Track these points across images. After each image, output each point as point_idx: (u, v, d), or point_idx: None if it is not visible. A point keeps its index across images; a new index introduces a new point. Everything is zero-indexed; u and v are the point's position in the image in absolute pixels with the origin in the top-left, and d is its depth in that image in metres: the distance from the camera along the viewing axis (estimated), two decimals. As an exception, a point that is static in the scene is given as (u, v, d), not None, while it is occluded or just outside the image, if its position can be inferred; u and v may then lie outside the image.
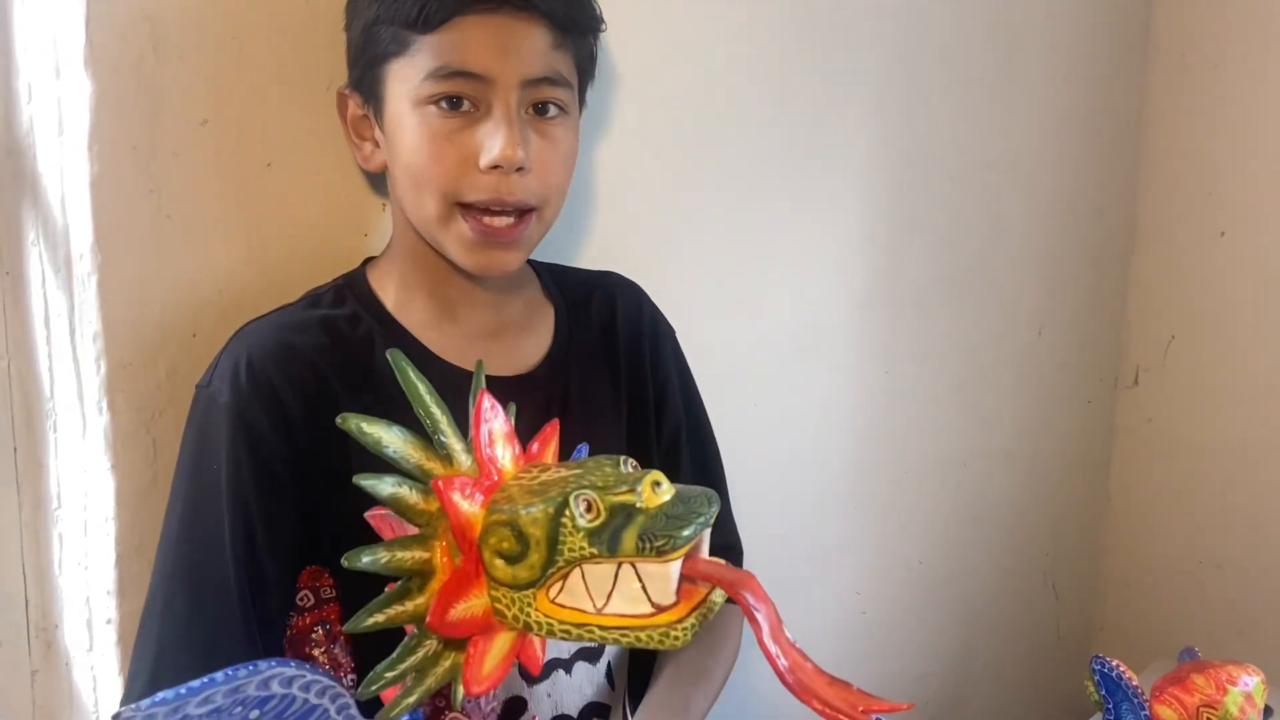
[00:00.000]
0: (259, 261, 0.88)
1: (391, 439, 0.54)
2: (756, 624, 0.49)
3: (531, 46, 0.76)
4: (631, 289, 0.98)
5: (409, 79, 0.76)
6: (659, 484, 0.50)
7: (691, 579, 0.51)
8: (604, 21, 0.84)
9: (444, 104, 0.76)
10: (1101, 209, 1.68)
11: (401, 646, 0.55)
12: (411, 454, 0.54)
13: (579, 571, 0.51)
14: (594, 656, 0.88)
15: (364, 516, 0.59)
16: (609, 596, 0.50)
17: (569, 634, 0.51)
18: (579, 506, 0.50)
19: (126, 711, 0.48)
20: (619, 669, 0.92)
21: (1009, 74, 1.47)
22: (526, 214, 0.79)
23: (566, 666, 0.86)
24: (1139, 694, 0.77)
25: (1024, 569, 1.70)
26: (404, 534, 0.55)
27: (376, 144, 0.82)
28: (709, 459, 1.00)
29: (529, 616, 0.52)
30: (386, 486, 0.53)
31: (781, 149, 1.22)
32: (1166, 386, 1.72)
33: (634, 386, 0.94)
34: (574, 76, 0.81)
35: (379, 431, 0.53)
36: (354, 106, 0.83)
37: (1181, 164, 1.67)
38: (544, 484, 0.53)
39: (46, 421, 0.84)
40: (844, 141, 1.29)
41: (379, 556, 0.52)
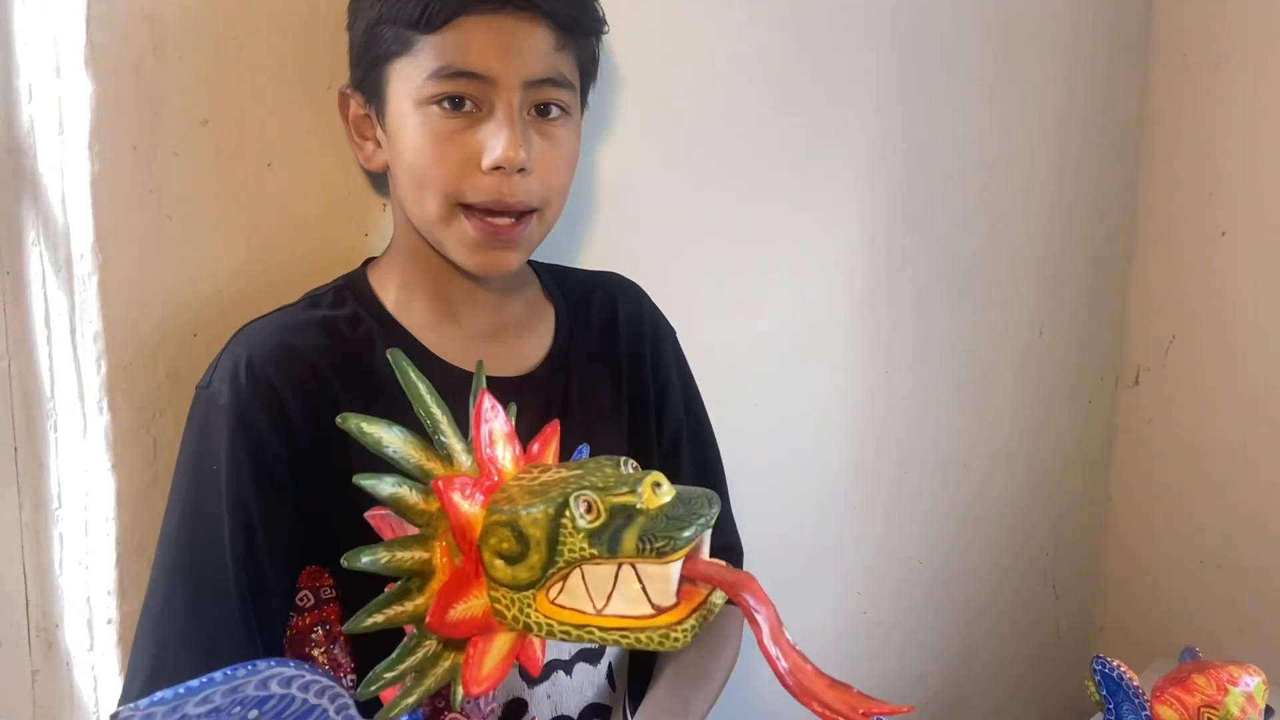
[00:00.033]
0: (260, 261, 0.88)
1: (392, 439, 0.54)
2: (757, 626, 0.49)
3: (534, 47, 0.76)
4: (632, 289, 0.98)
5: (411, 79, 0.76)
6: (659, 485, 0.50)
7: (692, 580, 0.51)
8: (606, 23, 0.84)
9: (446, 104, 0.76)
10: (1102, 209, 1.68)
11: (401, 647, 0.55)
12: (412, 454, 0.54)
13: (579, 572, 0.51)
14: (595, 658, 0.88)
15: (364, 516, 0.59)
16: (609, 597, 0.50)
17: (569, 635, 0.51)
18: (579, 507, 0.50)
19: (125, 710, 0.48)
20: (620, 670, 0.92)
21: (1009, 74, 1.47)
22: (528, 214, 0.79)
23: (567, 668, 0.86)
24: (1140, 694, 0.77)
25: (1024, 569, 1.70)
26: (404, 534, 0.55)
27: (378, 144, 0.82)
28: (709, 460, 1.00)
29: (529, 617, 0.52)
30: (386, 486, 0.53)
31: (782, 149, 1.22)
32: (1167, 386, 1.72)
33: (635, 387, 0.93)
34: (576, 78, 0.81)
35: (379, 431, 0.53)
36: (356, 106, 0.83)
37: (1182, 164, 1.67)
38: (544, 485, 0.53)
39: (47, 421, 0.84)
40: (844, 141, 1.29)
41: (379, 556, 0.52)
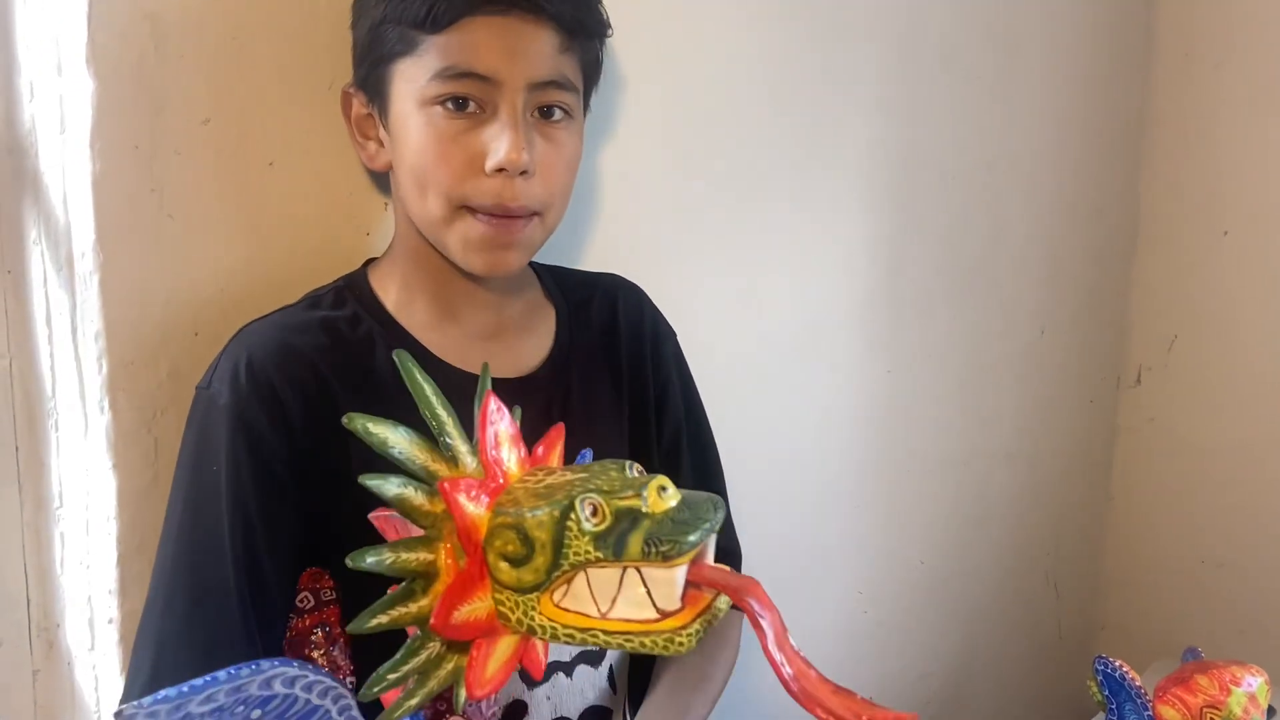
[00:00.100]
0: (261, 260, 0.88)
1: (397, 440, 0.53)
2: (761, 631, 0.49)
3: (539, 49, 0.76)
4: (632, 290, 0.98)
5: (415, 79, 0.76)
6: (665, 489, 0.50)
7: (696, 585, 0.51)
8: (611, 26, 0.84)
9: (450, 105, 0.75)
10: (1103, 208, 1.67)
11: (404, 648, 0.54)
12: (417, 455, 0.54)
13: (584, 575, 0.51)
14: (595, 659, 0.88)
15: (368, 517, 0.59)
16: (614, 601, 0.50)
17: (573, 638, 0.51)
18: (584, 510, 0.50)
19: (129, 709, 0.48)
20: (621, 672, 0.92)
21: (1010, 73, 1.47)
22: (530, 214, 0.79)
23: (567, 669, 0.86)
24: (1142, 694, 0.77)
25: (1026, 569, 1.70)
26: (408, 535, 0.55)
27: (381, 143, 0.82)
28: (709, 462, 1.00)
29: (533, 620, 0.52)
30: (392, 487, 0.53)
31: (782, 149, 1.22)
32: (1169, 386, 1.72)
33: (635, 388, 0.93)
34: (580, 80, 0.81)
35: (385, 432, 0.53)
36: (358, 105, 0.82)
37: (1183, 163, 1.67)
38: (549, 487, 0.53)
39: (48, 420, 0.84)
40: (844, 141, 1.29)
41: (384, 557, 0.52)
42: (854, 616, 1.44)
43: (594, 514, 0.50)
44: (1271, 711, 0.79)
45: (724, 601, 0.52)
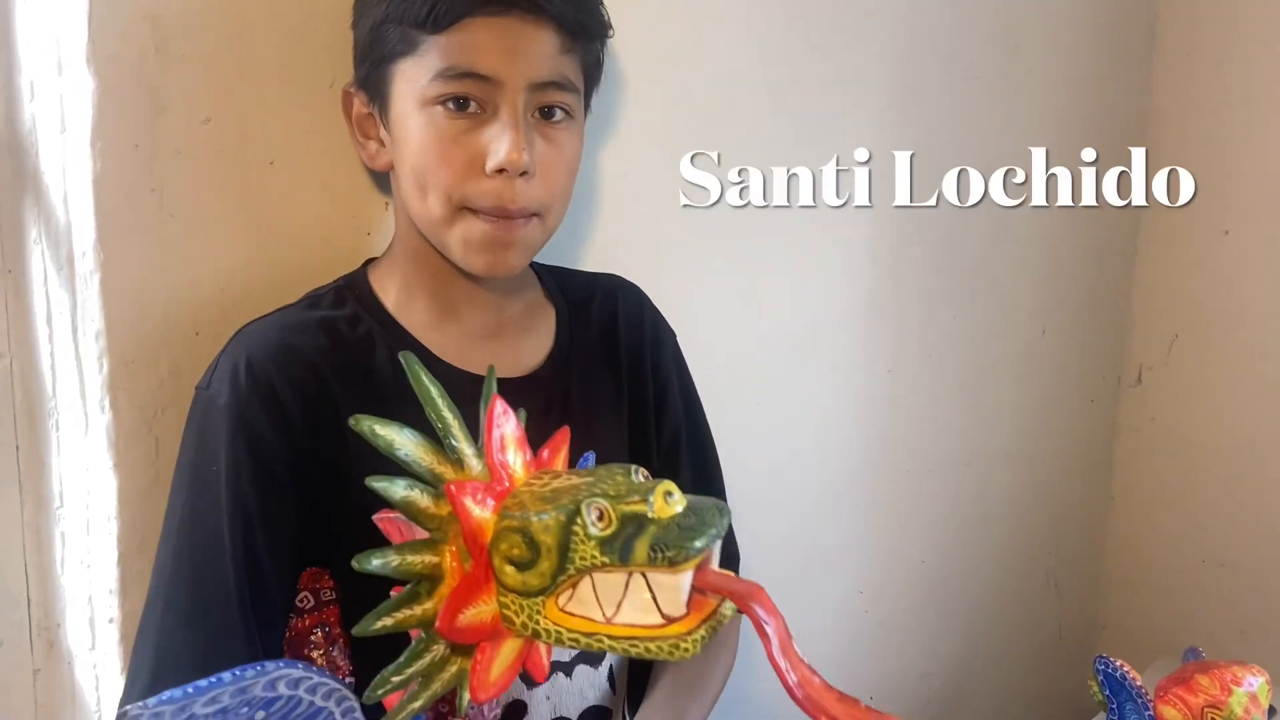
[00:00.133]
0: (261, 260, 0.88)
1: (404, 442, 0.53)
2: (766, 638, 0.49)
3: (540, 50, 0.76)
4: (632, 291, 0.98)
5: (416, 79, 0.76)
6: (671, 494, 0.50)
7: (701, 590, 0.51)
8: (612, 27, 0.84)
9: (451, 105, 0.75)
10: (1103, 208, 1.67)
11: (408, 651, 0.54)
12: (423, 458, 0.54)
13: (589, 580, 0.51)
14: (595, 660, 0.88)
15: (373, 519, 0.58)
16: (619, 606, 0.50)
17: (577, 642, 0.51)
18: (591, 515, 0.50)
19: (134, 709, 0.48)
20: (620, 672, 0.92)
21: (1010, 73, 1.47)
22: (529, 215, 0.79)
23: (567, 669, 0.86)
24: (1143, 694, 0.77)
25: (1026, 568, 1.70)
26: (412, 537, 0.55)
27: (381, 143, 0.82)
28: (708, 462, 1.00)
29: (538, 624, 0.52)
30: (399, 490, 0.53)
31: (782, 149, 1.22)
32: (1170, 385, 1.72)
33: (635, 388, 0.93)
34: (580, 81, 0.81)
35: (391, 434, 0.53)
36: (359, 105, 0.82)
37: (1185, 163, 1.67)
38: (555, 491, 0.52)
39: (49, 420, 0.84)
40: (845, 141, 1.28)
41: (390, 560, 0.52)
42: (854, 616, 1.44)
43: (600, 519, 0.50)
44: (1273, 711, 0.79)
45: (729, 607, 0.52)
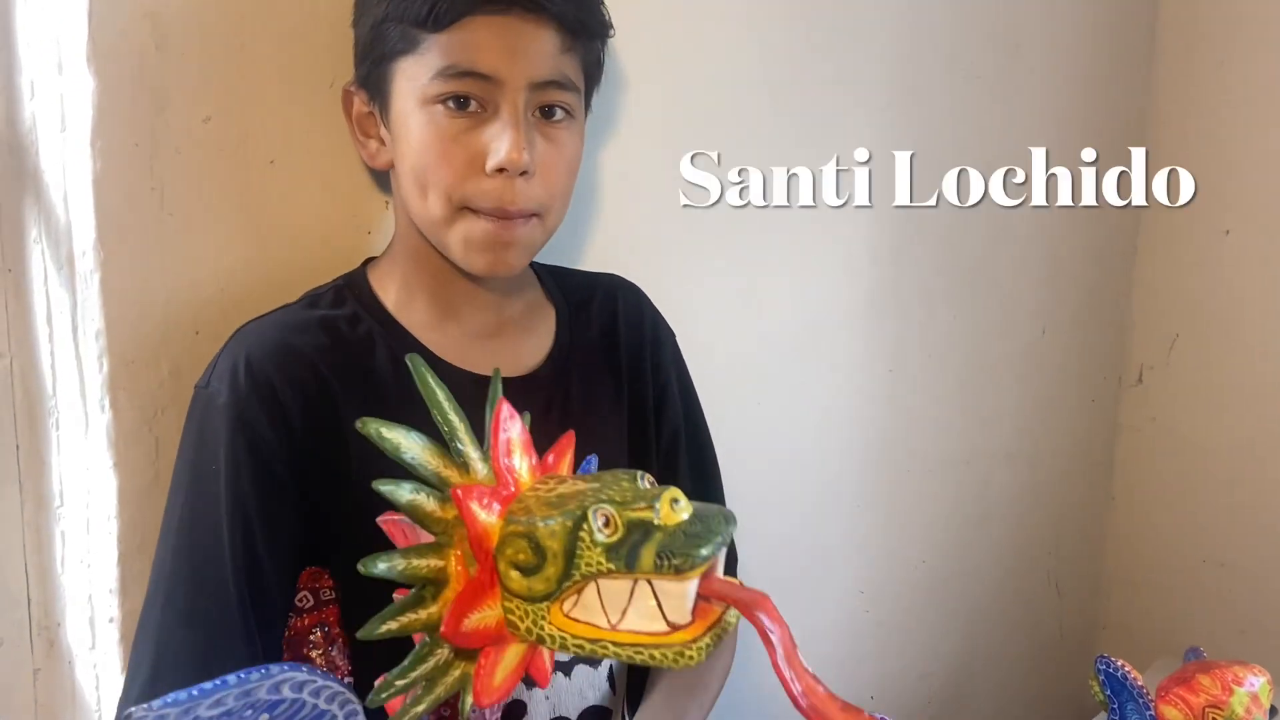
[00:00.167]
0: (261, 259, 0.88)
1: (410, 445, 0.53)
2: (771, 646, 0.49)
3: (540, 49, 0.76)
4: (632, 291, 0.97)
5: (417, 78, 0.76)
6: (677, 501, 0.50)
7: (706, 598, 0.51)
8: (613, 27, 0.84)
9: (451, 104, 0.75)
10: (1103, 207, 1.67)
11: (412, 655, 0.54)
12: (429, 461, 0.54)
13: (594, 586, 0.50)
14: (595, 660, 0.88)
15: (377, 521, 0.58)
16: (624, 613, 0.50)
17: (582, 649, 0.51)
18: (597, 521, 0.50)
19: (138, 711, 0.48)
20: (620, 672, 0.92)
21: (1011, 73, 1.47)
22: (529, 215, 0.79)
23: (566, 669, 0.86)
24: (1144, 694, 0.77)
25: (1027, 568, 1.70)
26: (416, 540, 0.55)
27: (382, 142, 0.82)
28: (707, 463, 1.00)
29: (542, 629, 0.52)
30: (405, 493, 0.53)
31: (783, 149, 1.21)
32: (1170, 385, 1.72)
33: (635, 388, 0.93)
34: (581, 81, 0.81)
35: (398, 438, 0.53)
36: (360, 104, 0.82)
37: (1185, 162, 1.66)
38: (561, 496, 0.52)
39: (49, 419, 0.84)
40: (845, 141, 1.28)
41: (395, 563, 0.52)
42: (854, 616, 1.44)
43: (606, 525, 0.50)
44: (1273, 711, 0.79)
45: (733, 615, 0.52)
